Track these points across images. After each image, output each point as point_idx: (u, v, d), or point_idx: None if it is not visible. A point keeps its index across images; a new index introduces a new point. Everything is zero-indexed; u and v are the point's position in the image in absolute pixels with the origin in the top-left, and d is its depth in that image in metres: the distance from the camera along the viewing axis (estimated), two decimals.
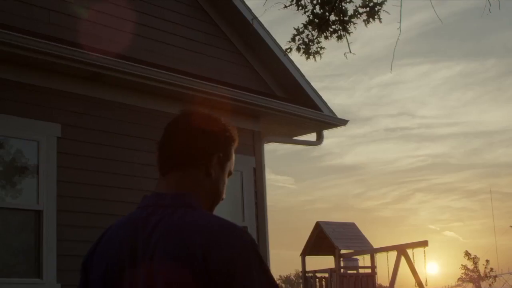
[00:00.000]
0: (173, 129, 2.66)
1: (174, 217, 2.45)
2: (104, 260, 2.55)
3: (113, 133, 11.67)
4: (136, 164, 11.83)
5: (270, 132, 14.61)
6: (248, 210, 13.33)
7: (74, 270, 10.71)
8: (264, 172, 13.94)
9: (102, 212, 11.27)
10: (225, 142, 2.70)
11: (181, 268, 2.32)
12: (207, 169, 2.61)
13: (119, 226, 2.61)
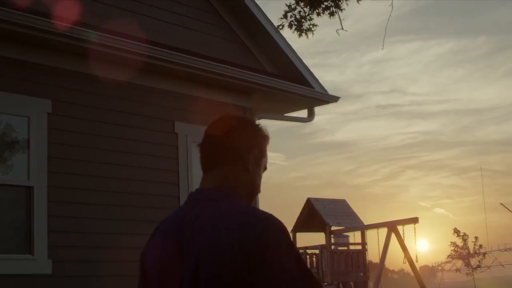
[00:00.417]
0: (212, 131, 2.96)
1: (214, 208, 2.74)
2: (157, 250, 2.87)
3: (104, 109, 11.65)
4: (127, 140, 11.83)
5: (261, 108, 14.60)
6: None
7: (65, 247, 10.76)
8: None
9: (93, 188, 11.28)
10: (259, 141, 2.97)
11: (220, 252, 2.60)
12: (244, 165, 2.89)
13: (169, 219, 2.92)
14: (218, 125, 2.99)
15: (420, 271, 26.04)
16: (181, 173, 12.50)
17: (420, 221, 23.02)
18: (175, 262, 2.75)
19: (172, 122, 12.59)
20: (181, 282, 2.70)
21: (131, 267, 11.46)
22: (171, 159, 12.45)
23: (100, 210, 11.32)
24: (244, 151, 2.91)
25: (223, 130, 2.95)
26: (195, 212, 2.79)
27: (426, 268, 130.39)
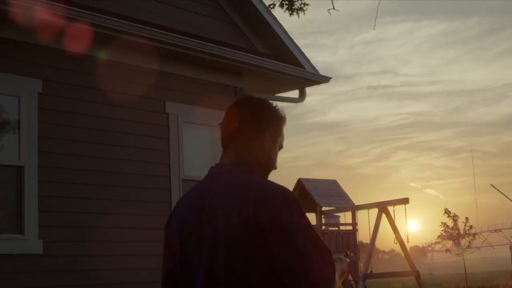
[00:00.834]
0: (232, 110, 3.19)
1: (231, 180, 2.99)
2: (180, 220, 3.10)
3: (94, 89, 11.61)
4: (118, 120, 11.80)
5: (253, 88, 14.58)
6: None
7: (55, 226, 10.75)
8: None
9: (83, 168, 11.27)
10: (276, 121, 3.20)
11: (237, 220, 2.83)
12: (260, 142, 3.13)
13: (191, 192, 3.19)
14: (237, 105, 3.21)
15: (410, 251, 26.13)
16: (172, 153, 12.49)
17: (411, 202, 23.07)
18: (197, 231, 2.98)
19: (163, 102, 12.57)
20: (202, 249, 2.93)
21: (122, 246, 11.51)
22: (162, 139, 12.44)
23: (90, 189, 11.31)
24: (261, 129, 3.14)
25: (242, 109, 3.18)
26: (214, 184, 3.03)
27: (417, 248, 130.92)
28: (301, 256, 2.77)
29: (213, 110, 13.24)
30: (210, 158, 13.26)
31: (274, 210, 2.81)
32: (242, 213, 2.83)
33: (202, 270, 2.92)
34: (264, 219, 2.79)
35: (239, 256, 2.82)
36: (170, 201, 12.28)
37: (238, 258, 2.82)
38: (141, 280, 11.64)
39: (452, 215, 24.44)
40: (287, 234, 2.78)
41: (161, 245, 10.63)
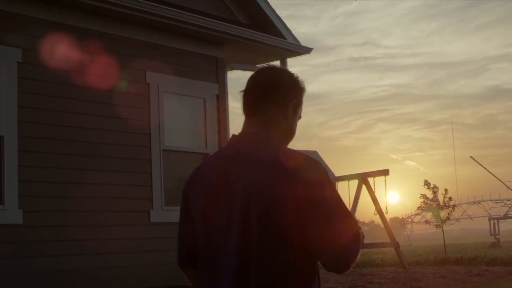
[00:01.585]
0: (257, 80, 3.17)
1: (259, 151, 2.97)
2: (203, 189, 3.05)
3: (73, 58, 11.54)
4: (98, 90, 11.74)
5: (234, 59, 14.56)
6: (211, 137, 13.34)
7: (35, 196, 10.72)
8: (227, 99, 13.92)
9: (63, 138, 11.22)
10: (298, 91, 3.20)
11: (270, 193, 2.82)
12: (284, 112, 3.12)
13: (214, 160, 3.15)
14: (262, 75, 3.19)
15: (390, 222, 26.30)
16: (153, 123, 12.45)
17: (391, 173, 23.22)
18: (222, 200, 2.95)
19: (143, 72, 12.52)
20: (229, 219, 2.91)
21: (102, 216, 11.49)
22: (143, 109, 12.40)
23: (70, 160, 11.27)
24: (285, 100, 3.13)
25: (267, 80, 3.16)
26: (241, 154, 2.99)
27: (396, 220, 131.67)
28: (333, 229, 2.81)
29: (194, 81, 13.21)
30: (191, 129, 13.27)
31: (306, 183, 2.82)
32: (275, 186, 2.83)
33: (232, 243, 2.89)
34: (297, 193, 2.80)
35: (272, 230, 2.82)
36: (151, 171, 12.27)
37: (272, 232, 2.82)
38: (121, 249, 11.65)
39: (432, 186, 24.50)
40: (320, 208, 2.81)
41: (142, 214, 10.57)
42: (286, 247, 2.82)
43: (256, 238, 2.83)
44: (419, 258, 32.37)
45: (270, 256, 2.83)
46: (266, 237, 2.83)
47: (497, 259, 29.13)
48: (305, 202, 2.79)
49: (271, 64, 3.34)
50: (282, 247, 2.82)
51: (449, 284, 16.62)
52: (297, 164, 2.88)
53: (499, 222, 62.14)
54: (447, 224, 25.90)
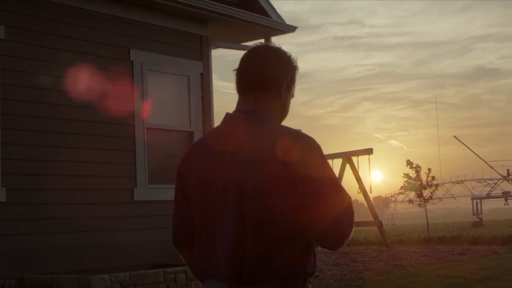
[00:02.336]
0: (252, 58, 3.18)
1: (254, 128, 3.01)
2: (198, 167, 3.08)
3: (58, 36, 11.48)
4: (82, 67, 11.68)
5: (218, 37, 14.51)
6: (195, 115, 13.32)
7: (18, 174, 10.69)
8: (211, 77, 13.90)
9: (46, 116, 11.18)
10: (292, 69, 3.22)
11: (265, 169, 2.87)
12: (278, 91, 3.15)
13: (208, 138, 3.18)
14: (257, 53, 3.21)
15: (373, 201, 26.35)
16: (136, 101, 12.41)
17: (375, 152, 23.28)
18: (218, 177, 2.99)
19: (127, 49, 12.47)
20: (225, 196, 2.96)
21: (86, 194, 11.47)
22: (126, 86, 12.35)
23: (54, 137, 11.23)
24: (279, 78, 3.15)
25: (261, 58, 3.18)
26: (236, 131, 3.03)
27: (380, 198, 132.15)
28: (326, 205, 2.86)
29: (178, 59, 13.17)
30: (175, 107, 13.24)
31: (302, 160, 2.87)
32: (270, 162, 2.88)
33: (228, 217, 2.94)
34: (293, 169, 2.85)
35: (268, 204, 2.88)
36: (134, 149, 12.25)
37: (268, 206, 2.88)
38: (105, 227, 11.64)
39: (415, 166, 24.57)
40: (313, 183, 2.86)
41: (125, 192, 10.55)
42: (281, 221, 2.88)
43: (252, 213, 2.88)
44: (402, 237, 32.52)
45: (265, 231, 2.88)
46: (261, 212, 2.88)
47: (479, 238, 29.30)
48: (299, 178, 2.84)
49: (264, 43, 3.38)
50: (277, 222, 2.88)
51: (431, 262, 16.72)
52: (292, 140, 2.92)
53: (482, 202, 62.39)
54: (430, 204, 25.99)
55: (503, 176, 76.74)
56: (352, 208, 2.94)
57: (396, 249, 21.06)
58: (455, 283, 13.06)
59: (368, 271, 14.86)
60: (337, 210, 2.88)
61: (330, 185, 2.90)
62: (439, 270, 15.19)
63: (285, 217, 2.88)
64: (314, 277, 13.36)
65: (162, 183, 12.48)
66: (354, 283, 13.24)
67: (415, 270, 15.18)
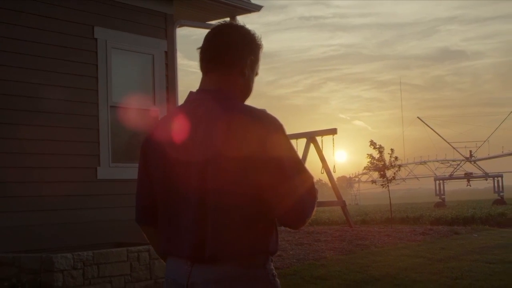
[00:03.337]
0: (215, 37, 3.17)
1: (218, 107, 3.00)
2: (162, 146, 3.07)
3: (21, 12, 11.36)
4: (45, 45, 11.59)
5: (183, 16, 14.44)
6: (159, 94, 13.26)
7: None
8: (176, 56, 13.83)
9: (7, 93, 11.09)
10: (256, 47, 3.21)
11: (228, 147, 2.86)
12: (242, 69, 3.14)
13: (170, 119, 3.16)
14: (220, 31, 3.19)
15: (337, 181, 26.48)
16: (100, 79, 12.33)
17: (339, 133, 23.34)
18: (181, 156, 2.99)
19: (91, 27, 12.36)
20: (188, 174, 2.97)
21: (48, 172, 11.39)
22: (90, 65, 12.26)
23: (15, 115, 11.13)
24: (243, 57, 3.14)
25: (225, 36, 3.15)
26: (200, 111, 3.03)
27: (344, 179, 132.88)
28: (289, 184, 2.88)
29: (142, 37, 13.10)
30: (139, 85, 13.17)
31: (265, 140, 2.87)
32: (233, 142, 2.87)
33: (191, 196, 2.95)
34: (255, 149, 2.85)
35: (230, 183, 2.88)
36: (98, 128, 12.17)
37: (230, 185, 2.88)
38: (68, 206, 11.59)
39: (378, 146, 24.71)
40: (276, 163, 2.86)
41: (89, 171, 10.52)
42: (243, 201, 2.89)
43: (214, 192, 2.89)
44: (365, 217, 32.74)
45: (227, 210, 2.89)
46: (223, 192, 2.89)
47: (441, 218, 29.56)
48: (261, 158, 2.85)
49: (228, 21, 3.33)
50: (239, 201, 2.89)
51: (394, 242, 16.85)
52: (255, 120, 2.92)
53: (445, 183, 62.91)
54: (393, 184, 26.17)
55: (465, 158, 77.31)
56: (314, 189, 2.94)
57: (359, 229, 21.19)
58: (417, 263, 13.18)
59: (331, 251, 14.94)
60: (300, 191, 2.89)
61: (292, 165, 2.91)
62: (401, 249, 15.32)
63: (247, 197, 2.88)
64: (277, 257, 13.44)
65: (126, 162, 12.43)
66: (317, 262, 13.31)
67: (378, 250, 15.29)
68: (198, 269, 2.92)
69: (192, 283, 2.92)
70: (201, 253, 2.90)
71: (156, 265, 10.92)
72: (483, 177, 65.97)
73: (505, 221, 30.80)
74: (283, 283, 9.68)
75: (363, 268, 12.49)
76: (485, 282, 10.95)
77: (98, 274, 10.24)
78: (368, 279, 11.45)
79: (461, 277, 11.41)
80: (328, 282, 11.20)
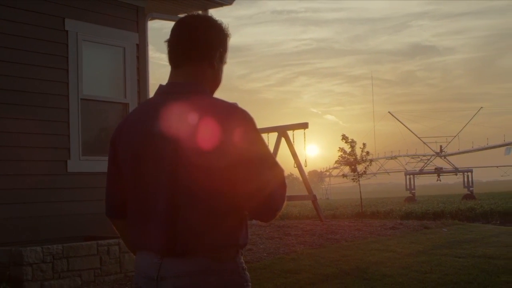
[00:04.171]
0: (182, 29, 3.14)
1: (188, 100, 2.98)
2: (132, 138, 3.05)
3: None
4: (15, 36, 11.50)
5: (155, 8, 14.39)
6: (130, 87, 13.21)
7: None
8: (147, 49, 13.78)
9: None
10: (224, 38, 3.19)
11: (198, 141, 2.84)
12: (211, 62, 3.12)
13: (140, 112, 3.13)
14: (187, 23, 3.17)
15: (308, 176, 26.51)
16: (71, 72, 12.26)
17: (311, 127, 23.39)
18: (151, 148, 2.97)
19: (62, 19, 12.28)
20: (158, 167, 2.95)
21: (18, 165, 11.32)
22: (61, 57, 12.18)
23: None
24: (212, 49, 3.12)
25: (193, 28, 3.13)
26: (169, 103, 3.00)
27: (315, 173, 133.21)
28: (259, 178, 2.87)
29: (114, 29, 13.03)
30: (110, 78, 13.12)
31: (235, 134, 2.85)
32: (203, 135, 2.85)
33: (161, 189, 2.93)
34: (224, 142, 2.83)
35: (201, 177, 2.87)
36: (68, 121, 12.11)
37: (200, 179, 2.87)
38: (38, 199, 11.52)
39: (350, 141, 24.78)
40: (247, 157, 2.85)
41: (59, 164, 10.46)
42: (213, 195, 2.87)
43: (184, 186, 2.88)
44: (336, 211, 32.91)
45: (198, 204, 2.88)
46: (193, 185, 2.87)
47: (411, 213, 29.77)
48: (232, 151, 2.83)
49: (195, 12, 3.35)
50: (209, 194, 2.87)
51: (364, 236, 16.91)
52: (226, 114, 2.90)
53: (415, 177, 63.25)
54: (364, 179, 26.25)
55: (436, 153, 77.70)
56: (285, 183, 2.94)
57: (329, 223, 21.24)
58: (386, 257, 13.24)
59: (302, 245, 14.97)
60: (271, 185, 2.88)
61: (263, 160, 2.90)
62: (372, 244, 15.38)
63: (217, 191, 2.87)
64: (247, 250, 13.46)
65: (96, 155, 12.38)
66: (288, 256, 13.33)
67: (348, 244, 15.34)
68: (168, 263, 2.90)
69: (161, 276, 2.91)
70: (171, 246, 2.88)
71: (126, 259, 10.89)
72: (453, 172, 66.40)
73: (474, 216, 31.07)
74: (254, 276, 9.69)
75: (333, 262, 12.52)
76: (454, 276, 11.02)
77: (68, 268, 10.20)
78: (338, 273, 11.49)
79: (430, 271, 11.47)
80: (298, 276, 11.22)
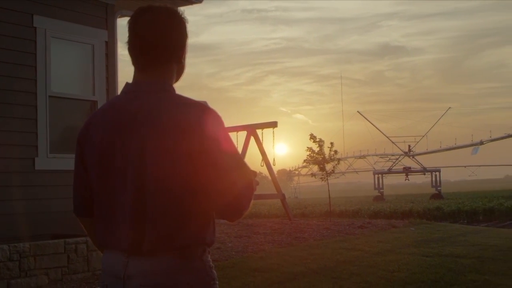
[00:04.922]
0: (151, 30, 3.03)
1: (156, 99, 2.93)
2: (98, 136, 2.99)
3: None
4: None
5: (124, 6, 14.33)
6: (99, 84, 13.15)
7: None
8: (116, 46, 13.73)
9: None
10: (186, 30, 3.12)
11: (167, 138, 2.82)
12: (178, 57, 3.07)
13: (106, 109, 3.07)
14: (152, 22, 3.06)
15: (277, 174, 26.57)
16: (39, 69, 12.18)
17: (280, 126, 23.42)
18: (116, 146, 2.93)
19: (30, 15, 12.20)
20: (125, 166, 2.91)
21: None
22: (29, 53, 12.10)
23: None
24: (181, 48, 3.08)
25: (159, 28, 3.04)
26: (137, 103, 2.95)
27: (284, 172, 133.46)
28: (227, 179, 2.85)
29: (83, 26, 12.97)
30: (79, 75, 13.05)
31: (203, 133, 2.82)
32: (171, 134, 2.83)
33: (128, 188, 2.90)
34: (192, 141, 2.81)
35: (167, 176, 2.85)
36: (36, 118, 12.03)
37: (167, 178, 2.85)
38: (5, 197, 11.45)
39: (318, 140, 24.85)
40: (215, 157, 2.83)
41: (26, 161, 10.40)
42: (180, 194, 2.86)
43: (151, 184, 2.86)
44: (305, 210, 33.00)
45: (166, 202, 2.86)
46: (161, 184, 2.86)
47: (380, 212, 29.93)
48: (199, 151, 2.81)
49: (151, 5, 3.22)
50: (177, 194, 2.86)
51: (332, 235, 16.97)
52: (193, 112, 2.87)
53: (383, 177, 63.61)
54: (333, 178, 26.34)
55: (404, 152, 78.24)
56: (252, 184, 2.94)
57: (298, 222, 21.30)
58: (354, 256, 13.29)
59: (270, 243, 15.00)
60: (238, 186, 2.87)
61: (231, 159, 2.89)
62: (340, 243, 15.43)
63: (185, 190, 2.86)
64: (216, 249, 13.46)
65: (64, 153, 12.31)
66: (256, 255, 13.35)
67: (316, 243, 15.39)
68: (135, 261, 2.89)
69: (128, 275, 2.90)
70: (138, 245, 2.87)
71: (94, 257, 10.84)
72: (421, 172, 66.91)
73: (442, 215, 31.31)
74: (222, 275, 9.69)
75: (302, 261, 12.55)
76: (422, 275, 11.09)
77: (35, 266, 10.14)
78: (306, 272, 11.52)
79: (398, 270, 11.54)
80: (266, 275, 11.23)
